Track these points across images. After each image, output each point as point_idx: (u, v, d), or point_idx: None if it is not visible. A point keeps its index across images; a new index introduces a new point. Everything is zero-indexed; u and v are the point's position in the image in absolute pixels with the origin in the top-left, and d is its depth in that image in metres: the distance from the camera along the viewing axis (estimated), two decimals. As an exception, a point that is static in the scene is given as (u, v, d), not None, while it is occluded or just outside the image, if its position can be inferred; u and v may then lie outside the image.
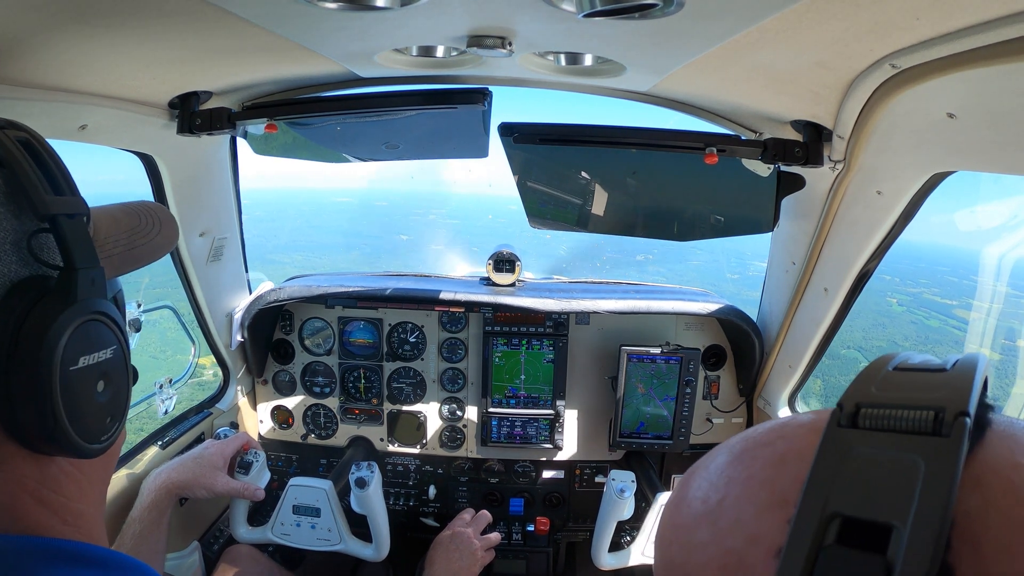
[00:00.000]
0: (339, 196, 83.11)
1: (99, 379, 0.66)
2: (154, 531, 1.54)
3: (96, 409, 0.66)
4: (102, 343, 0.66)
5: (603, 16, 0.97)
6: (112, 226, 0.80)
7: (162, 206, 0.93)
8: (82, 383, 0.64)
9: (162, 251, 0.88)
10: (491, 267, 2.41)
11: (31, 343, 0.59)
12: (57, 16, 0.94)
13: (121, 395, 0.71)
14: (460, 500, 2.48)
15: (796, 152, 1.46)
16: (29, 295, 0.60)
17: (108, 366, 0.67)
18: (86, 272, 0.64)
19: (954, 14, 0.82)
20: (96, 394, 0.66)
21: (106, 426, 0.68)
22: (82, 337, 0.63)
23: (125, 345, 0.71)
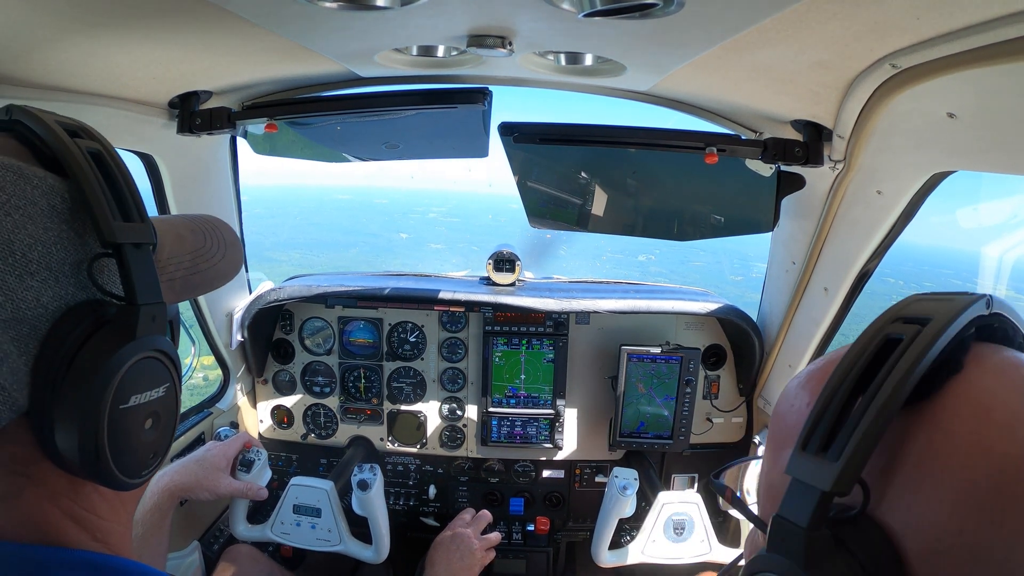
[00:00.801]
0: (340, 193, 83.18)
1: (148, 417, 0.64)
2: (156, 533, 1.54)
3: (141, 446, 0.63)
4: (155, 382, 0.64)
5: (603, 16, 0.97)
6: (177, 245, 0.76)
7: (228, 226, 0.87)
8: (130, 422, 0.61)
9: (223, 279, 0.82)
10: (491, 267, 2.41)
11: (84, 376, 0.56)
12: (57, 16, 0.94)
13: (167, 432, 0.68)
14: (460, 500, 2.49)
15: (796, 152, 1.46)
16: (85, 323, 0.57)
17: (159, 404, 0.64)
18: (148, 308, 0.61)
19: (954, 14, 0.82)
20: (143, 432, 0.63)
21: (148, 461, 0.65)
22: (136, 375, 0.60)
23: (178, 381, 0.68)
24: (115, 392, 0.58)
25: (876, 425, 0.43)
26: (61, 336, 0.56)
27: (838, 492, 0.44)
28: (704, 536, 1.89)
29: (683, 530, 1.89)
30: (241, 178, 2.07)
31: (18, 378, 0.54)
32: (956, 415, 0.43)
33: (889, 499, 0.45)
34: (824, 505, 0.44)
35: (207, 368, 2.31)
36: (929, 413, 0.44)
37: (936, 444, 0.43)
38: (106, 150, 0.63)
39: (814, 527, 0.45)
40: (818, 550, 0.45)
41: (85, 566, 0.61)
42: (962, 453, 0.42)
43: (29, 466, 0.59)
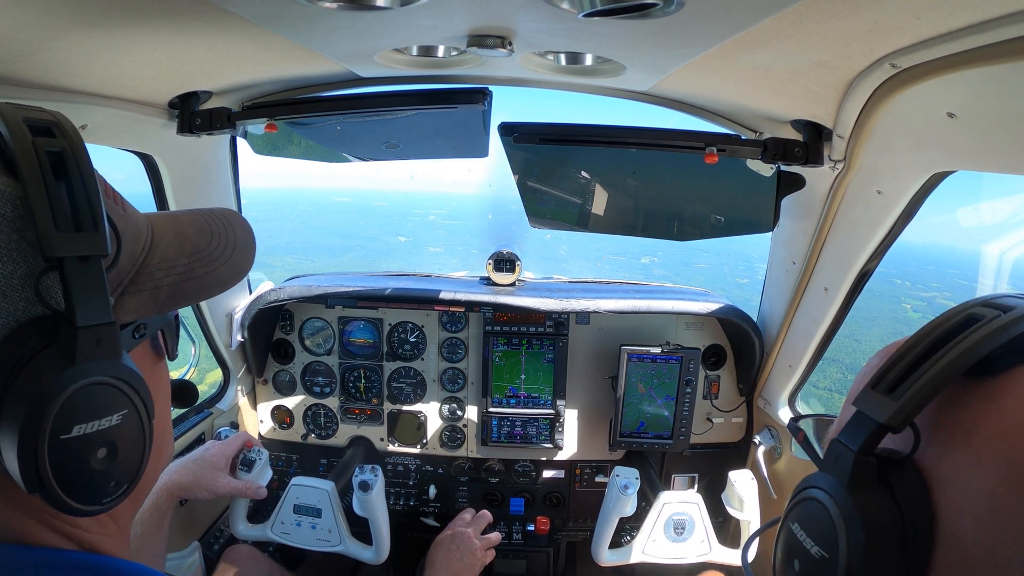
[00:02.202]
0: (339, 196, 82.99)
1: (100, 447, 0.58)
2: (155, 533, 1.53)
3: (95, 476, 0.58)
4: (106, 410, 0.58)
5: (603, 16, 0.97)
6: (173, 246, 0.70)
7: (245, 223, 0.79)
8: (76, 452, 0.56)
9: (221, 286, 0.74)
10: (491, 267, 2.41)
11: (20, 404, 0.52)
12: (57, 16, 0.94)
13: (130, 461, 0.61)
14: (460, 500, 2.49)
15: (796, 152, 1.46)
16: (29, 344, 0.53)
17: (113, 433, 0.59)
18: (90, 331, 0.55)
19: (954, 14, 0.82)
20: (95, 462, 0.58)
21: (108, 489, 0.60)
22: (79, 404, 0.55)
23: (142, 406, 0.62)
24: (54, 421, 0.53)
25: (937, 378, 0.48)
26: (4, 356, 0.53)
27: (891, 427, 0.49)
28: (704, 536, 1.89)
29: (683, 530, 1.89)
30: (240, 180, 2.07)
31: None
32: (1014, 396, 0.46)
33: (934, 453, 0.49)
34: (877, 435, 0.50)
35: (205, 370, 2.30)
36: (990, 388, 0.47)
37: (989, 417, 0.47)
38: (72, 149, 0.57)
39: (863, 452, 0.51)
40: (862, 475, 0.51)
41: (72, 566, 0.60)
42: (1011, 431, 0.45)
43: (4, 482, 0.56)
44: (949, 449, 0.48)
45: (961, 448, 0.48)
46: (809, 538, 0.54)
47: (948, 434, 0.49)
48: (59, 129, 0.58)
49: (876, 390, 0.52)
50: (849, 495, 0.50)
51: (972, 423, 0.47)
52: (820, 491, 0.54)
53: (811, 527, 0.54)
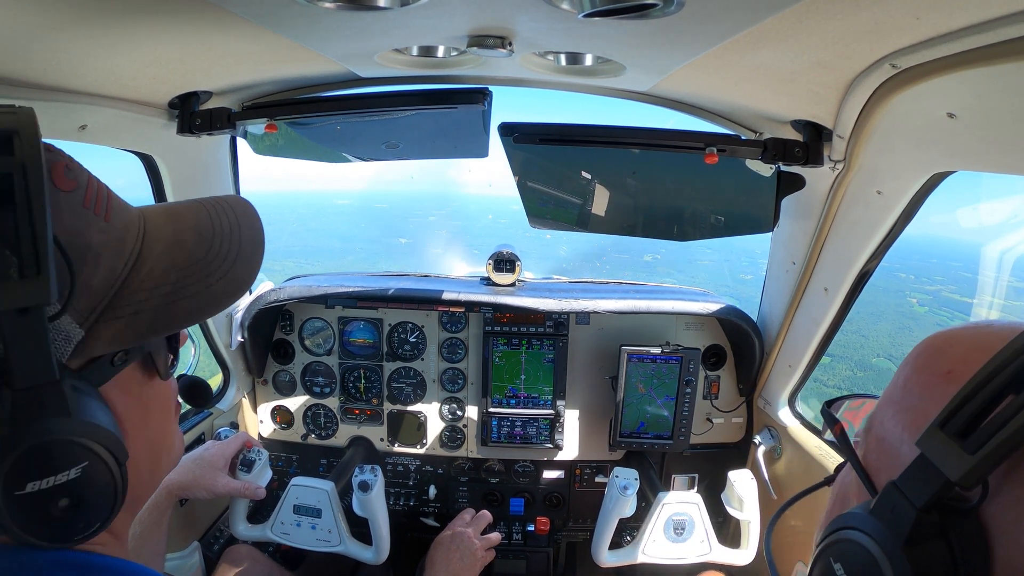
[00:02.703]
0: (340, 198, 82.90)
1: (61, 498, 0.55)
2: (154, 532, 1.54)
3: (61, 523, 0.56)
4: (60, 466, 0.54)
5: (603, 16, 0.97)
6: (165, 258, 0.63)
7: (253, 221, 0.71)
8: (34, 505, 0.54)
9: (215, 306, 0.66)
10: (491, 267, 2.41)
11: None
12: (57, 16, 0.94)
13: (100, 505, 0.58)
14: (460, 500, 2.48)
15: (796, 152, 1.46)
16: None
17: (75, 484, 0.55)
18: (29, 393, 0.51)
19: (954, 14, 0.82)
20: (57, 511, 0.55)
21: (77, 529, 0.58)
22: (26, 465, 0.52)
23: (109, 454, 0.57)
24: (4, 480, 0.51)
25: (1021, 433, 0.41)
26: None
27: (963, 485, 0.44)
28: (704, 536, 1.89)
29: (683, 530, 1.88)
30: (241, 183, 2.07)
31: None
32: None
33: (999, 504, 0.44)
34: (944, 492, 0.45)
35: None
36: None
37: None
38: (24, 168, 0.48)
39: (927, 509, 0.46)
40: (921, 532, 0.46)
41: (72, 566, 0.59)
42: None
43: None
44: (1017, 502, 0.43)
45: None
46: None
47: (1020, 488, 0.43)
48: (18, 140, 0.49)
49: (946, 432, 0.45)
50: (905, 555, 0.46)
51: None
52: (871, 540, 0.49)
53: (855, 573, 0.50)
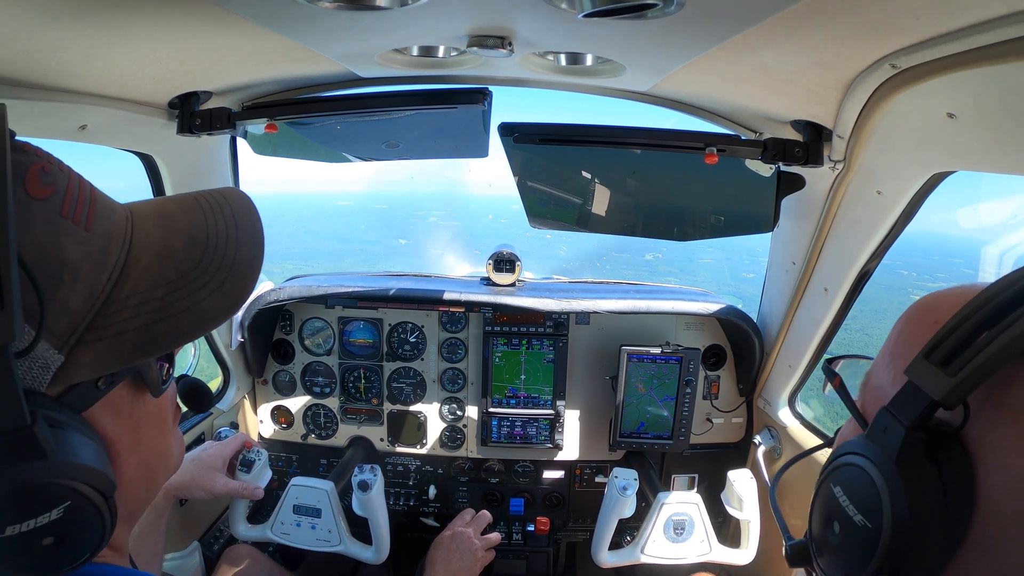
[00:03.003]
0: (340, 200, 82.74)
1: (45, 537, 0.53)
2: (152, 533, 1.54)
3: (47, 559, 0.54)
4: (40, 509, 0.52)
5: (603, 16, 0.97)
6: (152, 269, 0.58)
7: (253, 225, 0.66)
8: (17, 545, 0.52)
9: (204, 325, 0.60)
10: (491, 267, 2.41)
11: None
12: (57, 16, 0.94)
13: (86, 540, 0.56)
14: (460, 500, 2.48)
15: (796, 152, 1.46)
16: None
17: (58, 524, 0.53)
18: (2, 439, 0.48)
19: (954, 14, 0.82)
20: (43, 551, 0.53)
21: (66, 562, 0.56)
22: (4, 509, 0.51)
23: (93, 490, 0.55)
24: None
25: (998, 356, 0.46)
26: None
27: (945, 404, 0.49)
28: (704, 536, 1.89)
29: (683, 530, 1.88)
30: (241, 186, 2.07)
31: None
32: None
33: (981, 429, 0.49)
34: (930, 411, 0.50)
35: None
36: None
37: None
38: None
39: (915, 427, 0.51)
40: (911, 450, 0.51)
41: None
42: None
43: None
44: (996, 427, 0.48)
45: (1010, 429, 0.47)
46: (852, 504, 0.55)
47: (999, 414, 0.48)
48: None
49: (930, 361, 0.51)
50: (897, 470, 0.51)
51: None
52: (866, 460, 0.54)
53: (854, 494, 0.55)
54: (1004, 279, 0.50)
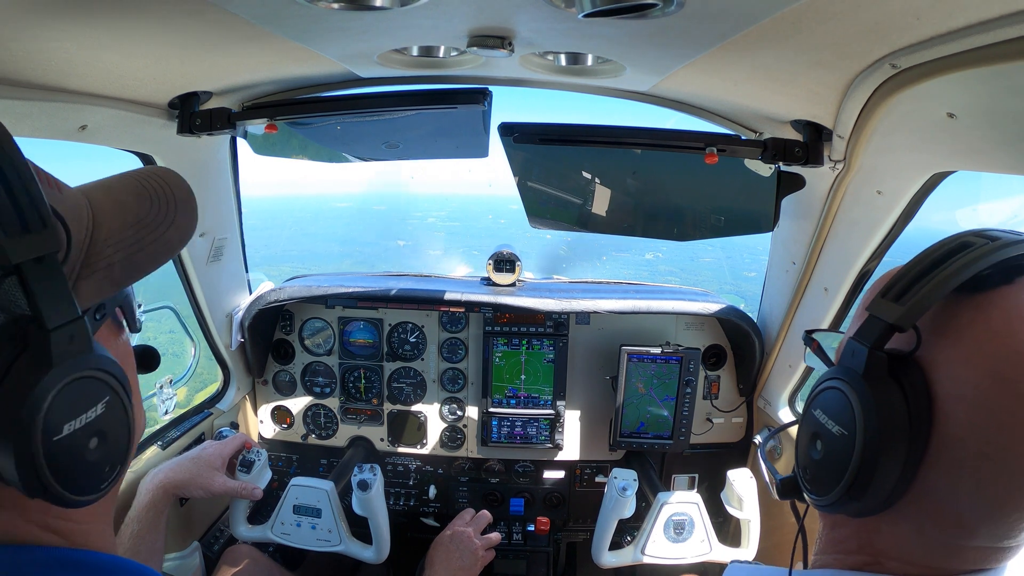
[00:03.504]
0: (339, 201, 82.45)
1: (91, 438, 0.59)
2: (152, 531, 1.54)
3: (91, 466, 0.60)
4: (90, 402, 0.58)
5: (603, 16, 0.97)
6: (117, 218, 0.67)
7: (178, 177, 0.76)
8: (70, 449, 0.57)
9: (171, 251, 0.73)
10: (491, 267, 2.41)
11: (8, 417, 0.52)
12: (57, 16, 0.94)
13: (120, 442, 0.63)
14: (460, 500, 2.48)
15: (796, 152, 1.46)
16: (3, 352, 0.52)
17: (100, 422, 0.60)
18: (61, 331, 0.55)
19: (954, 14, 0.82)
20: (88, 453, 0.59)
21: (104, 474, 0.62)
22: (64, 404, 0.55)
23: (120, 389, 0.62)
24: (44, 426, 0.54)
25: (936, 289, 0.58)
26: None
27: (899, 327, 0.59)
28: (704, 536, 1.89)
29: (683, 530, 1.88)
30: (241, 188, 2.07)
31: None
32: (996, 308, 0.57)
33: (932, 351, 0.60)
34: (887, 334, 0.60)
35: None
36: (978, 301, 0.58)
37: (977, 324, 0.58)
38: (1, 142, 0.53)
39: (877, 347, 0.61)
40: (874, 367, 0.61)
41: (58, 563, 0.60)
42: (994, 335, 0.56)
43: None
44: (944, 348, 0.59)
45: (954, 348, 0.58)
46: (831, 420, 0.65)
47: (943, 338, 0.59)
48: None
49: (886, 298, 0.61)
50: (865, 383, 0.61)
51: (964, 328, 0.58)
52: (840, 381, 0.64)
53: (832, 411, 0.65)
54: (938, 243, 0.62)
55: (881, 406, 0.59)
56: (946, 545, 0.61)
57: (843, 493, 0.62)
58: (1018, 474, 0.55)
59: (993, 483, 0.55)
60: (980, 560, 0.61)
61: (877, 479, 0.59)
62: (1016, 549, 0.61)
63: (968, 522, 0.58)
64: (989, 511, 0.57)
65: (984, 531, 0.58)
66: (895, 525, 0.63)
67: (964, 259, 0.58)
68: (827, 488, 0.64)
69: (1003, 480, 0.55)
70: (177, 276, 1.93)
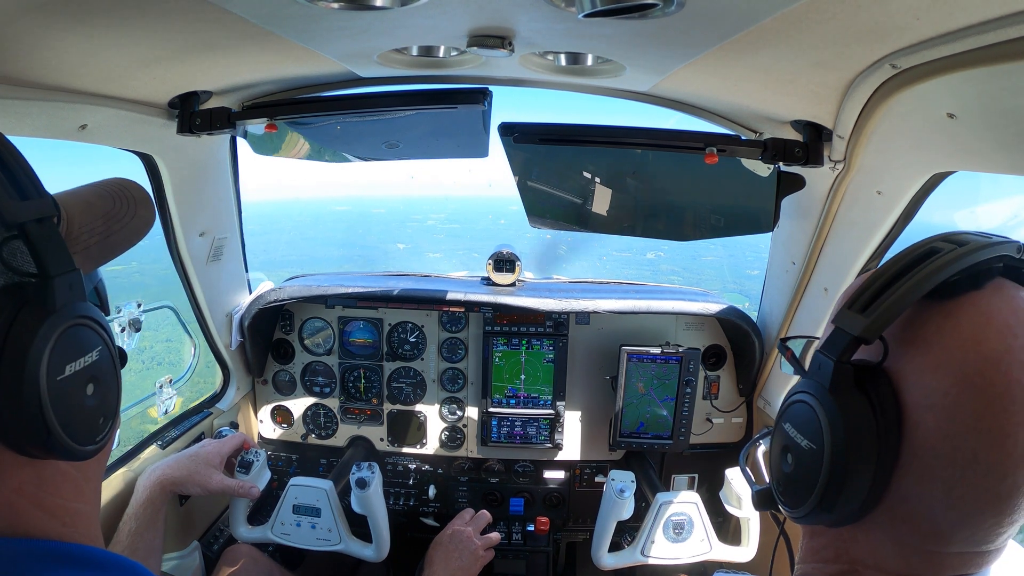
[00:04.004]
0: (338, 204, 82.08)
1: (88, 383, 0.65)
2: (150, 529, 1.54)
3: (87, 413, 0.65)
4: (87, 347, 0.65)
5: (603, 16, 0.97)
6: (86, 214, 0.76)
7: (134, 182, 0.88)
8: (71, 390, 0.62)
9: (138, 235, 0.84)
10: (491, 267, 2.41)
11: (14, 358, 0.57)
12: (57, 16, 0.94)
13: (111, 394, 0.70)
14: (460, 500, 2.48)
15: (796, 152, 1.46)
16: (7, 307, 0.58)
17: (95, 369, 0.66)
18: (63, 278, 0.62)
19: (954, 14, 0.82)
20: (86, 398, 0.65)
21: (99, 426, 0.67)
22: (65, 345, 0.62)
23: (110, 342, 0.69)
24: (48, 365, 0.59)
25: (903, 298, 0.57)
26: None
27: (864, 339, 0.59)
28: (704, 536, 1.89)
29: (683, 530, 1.89)
30: (241, 190, 2.08)
31: None
32: (965, 314, 0.57)
33: (900, 361, 0.59)
34: (853, 346, 0.60)
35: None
36: (947, 308, 0.58)
37: (946, 331, 0.57)
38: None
39: (841, 360, 0.60)
40: (841, 380, 0.60)
41: (55, 557, 0.61)
42: (963, 343, 0.56)
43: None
44: (912, 357, 0.59)
45: (922, 356, 0.58)
46: (800, 434, 0.65)
47: (912, 346, 0.59)
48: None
49: (851, 310, 0.61)
50: (831, 396, 0.60)
51: (932, 336, 0.58)
52: (807, 395, 0.64)
53: (801, 425, 0.65)
54: (905, 249, 0.63)
55: (848, 419, 0.59)
56: (923, 552, 0.60)
57: (815, 506, 0.62)
58: (991, 480, 0.54)
59: (965, 490, 0.55)
60: (960, 565, 0.60)
61: (847, 491, 0.59)
62: (997, 552, 0.60)
63: (943, 529, 0.58)
64: (963, 517, 0.57)
65: (960, 537, 0.58)
66: (870, 534, 0.63)
67: (930, 267, 0.57)
68: (799, 500, 0.64)
69: (975, 486, 0.55)
70: (177, 276, 1.93)
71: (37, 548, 0.61)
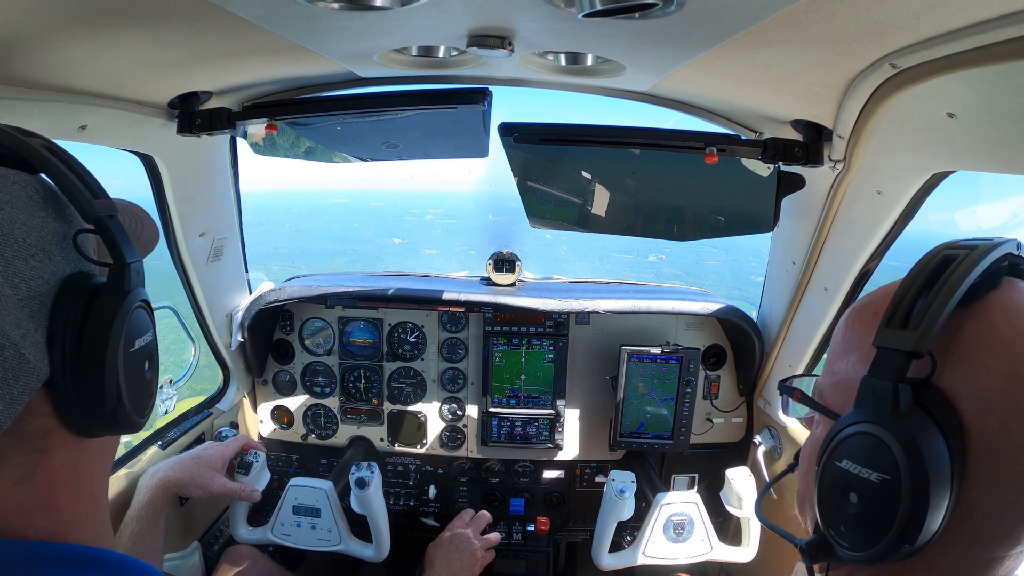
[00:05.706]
0: (336, 197, 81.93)
1: (147, 359, 0.72)
2: (151, 530, 1.54)
3: (145, 386, 0.72)
4: (147, 327, 0.73)
5: (603, 16, 0.97)
6: None
7: (134, 205, 0.96)
8: (137, 364, 0.70)
9: (146, 250, 0.90)
10: (491, 267, 2.41)
11: (99, 330, 0.64)
12: (57, 16, 0.94)
13: (156, 374, 0.77)
14: (460, 500, 2.48)
15: (796, 152, 1.46)
16: (83, 290, 0.64)
17: (151, 348, 0.74)
18: (134, 266, 0.69)
19: (954, 14, 0.82)
20: (145, 372, 0.72)
21: (148, 402, 0.74)
22: (134, 323, 0.69)
23: (154, 327, 0.77)
24: (124, 340, 0.66)
25: (942, 306, 0.56)
26: (65, 305, 0.63)
27: (916, 353, 0.57)
28: (704, 536, 1.89)
29: (683, 530, 1.89)
30: (240, 185, 2.07)
31: (38, 349, 0.60)
32: (997, 312, 0.58)
33: (948, 373, 0.58)
34: (906, 363, 0.58)
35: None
36: (978, 310, 0.58)
37: (983, 332, 0.58)
38: (54, 145, 0.69)
39: (900, 380, 0.58)
40: (903, 402, 0.58)
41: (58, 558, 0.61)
42: (1003, 338, 0.56)
43: (47, 438, 0.62)
44: (957, 364, 0.58)
45: (968, 361, 0.57)
46: (864, 468, 0.60)
47: (953, 354, 0.58)
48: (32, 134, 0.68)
49: (891, 327, 0.59)
50: (896, 420, 0.57)
51: (971, 339, 0.58)
52: (866, 424, 0.60)
53: (865, 458, 0.60)
54: (919, 262, 0.62)
55: (922, 440, 0.56)
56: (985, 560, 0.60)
57: (895, 539, 0.58)
58: None
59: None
60: (1015, 566, 0.60)
61: (931, 516, 0.56)
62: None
63: (1014, 528, 0.58)
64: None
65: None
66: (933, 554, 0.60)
67: (958, 272, 0.58)
68: (873, 540, 0.60)
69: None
70: (177, 276, 1.93)
71: (40, 550, 0.60)
